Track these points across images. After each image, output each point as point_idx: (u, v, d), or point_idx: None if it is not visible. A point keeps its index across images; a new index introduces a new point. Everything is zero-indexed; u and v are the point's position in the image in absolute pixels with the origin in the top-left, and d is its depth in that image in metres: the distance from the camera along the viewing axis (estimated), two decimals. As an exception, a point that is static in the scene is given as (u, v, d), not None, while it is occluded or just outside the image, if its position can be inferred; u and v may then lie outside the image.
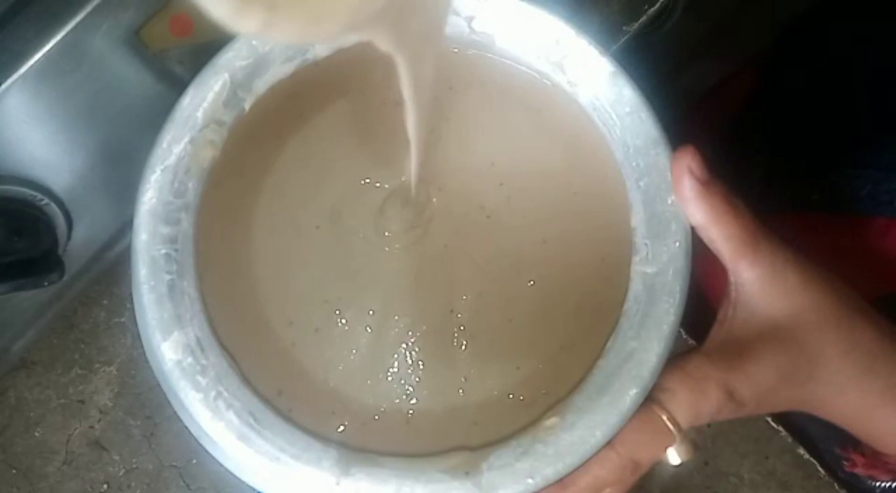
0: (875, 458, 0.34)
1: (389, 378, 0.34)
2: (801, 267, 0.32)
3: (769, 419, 0.52)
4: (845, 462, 0.36)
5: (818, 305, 0.32)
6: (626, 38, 0.46)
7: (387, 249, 0.36)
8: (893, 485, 0.34)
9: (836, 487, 0.51)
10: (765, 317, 0.32)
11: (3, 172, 0.38)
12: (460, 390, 0.34)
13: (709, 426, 0.51)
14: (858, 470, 0.35)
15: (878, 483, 0.34)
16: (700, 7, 0.50)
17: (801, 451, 0.51)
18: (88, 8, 0.36)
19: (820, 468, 0.51)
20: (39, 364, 0.53)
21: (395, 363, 0.34)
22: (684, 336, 0.33)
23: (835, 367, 0.32)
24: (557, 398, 0.33)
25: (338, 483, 0.31)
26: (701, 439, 0.33)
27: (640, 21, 0.46)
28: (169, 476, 0.53)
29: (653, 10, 0.46)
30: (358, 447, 0.32)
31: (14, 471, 0.52)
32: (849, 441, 0.35)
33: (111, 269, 0.50)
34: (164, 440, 0.53)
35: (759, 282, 0.32)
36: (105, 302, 0.54)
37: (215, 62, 0.34)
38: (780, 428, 0.52)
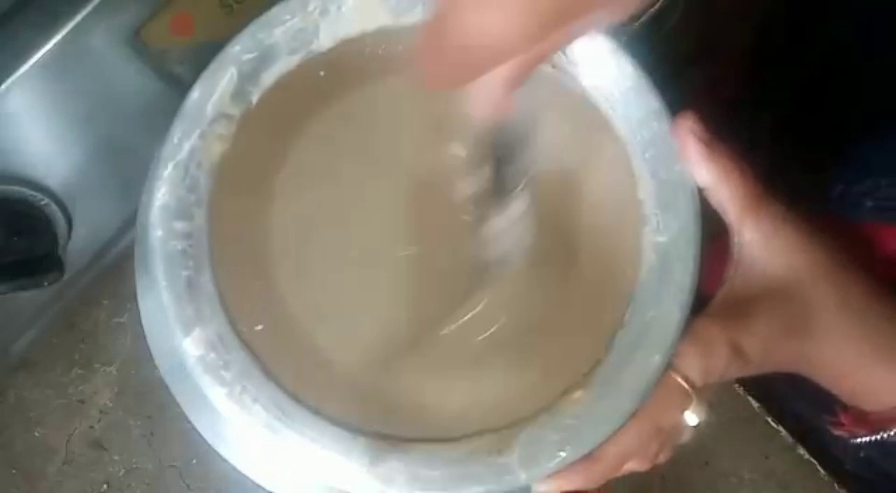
0: (860, 416, 0.35)
1: (413, 364, 0.34)
2: (800, 226, 0.33)
3: (769, 419, 0.52)
4: (832, 426, 0.36)
5: (815, 262, 0.33)
6: (626, 38, 0.46)
7: (401, 237, 0.36)
8: (873, 438, 0.35)
9: (836, 487, 0.51)
10: (765, 275, 0.33)
11: (3, 172, 0.38)
12: (484, 372, 0.34)
13: (708, 425, 0.51)
14: (844, 430, 0.36)
15: (859, 440, 0.35)
16: (701, 6, 0.50)
17: (801, 451, 0.51)
18: (88, 8, 0.36)
19: (820, 468, 0.51)
20: (39, 364, 0.54)
21: (419, 349, 0.34)
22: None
23: (829, 320, 0.33)
24: (582, 372, 0.33)
25: (368, 471, 0.31)
26: (698, 432, 0.34)
27: (640, 21, 0.46)
28: (169, 476, 0.53)
29: (653, 10, 0.46)
30: (386, 435, 0.32)
31: (14, 471, 0.52)
32: (837, 406, 0.36)
33: (111, 268, 0.50)
34: (164, 440, 0.53)
35: (761, 241, 0.33)
36: (105, 302, 0.54)
37: (222, 56, 0.34)
38: (780, 428, 0.52)
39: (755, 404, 0.53)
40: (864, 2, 0.45)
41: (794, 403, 0.50)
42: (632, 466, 0.33)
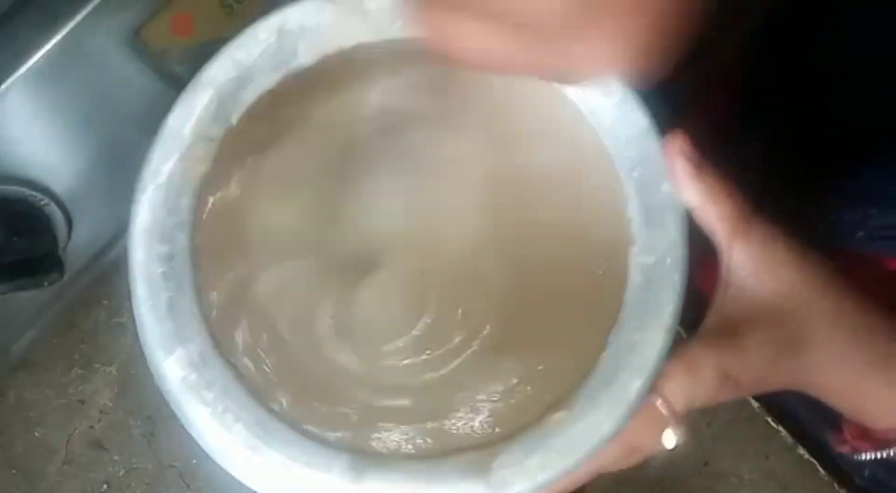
0: (864, 432, 0.35)
1: (395, 382, 0.34)
2: (791, 245, 0.33)
3: (769, 419, 0.52)
4: (835, 443, 0.36)
5: (806, 280, 0.33)
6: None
7: (384, 254, 0.36)
8: (877, 455, 0.34)
9: (836, 487, 0.51)
10: (756, 296, 0.33)
11: (3, 172, 0.38)
12: (466, 391, 0.34)
13: (708, 425, 0.51)
14: (847, 448, 0.35)
15: (863, 456, 0.35)
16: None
17: (801, 451, 0.51)
18: (88, 8, 0.36)
19: (820, 468, 0.51)
20: (39, 364, 0.53)
21: (400, 368, 0.34)
22: (684, 336, 0.33)
23: (823, 338, 0.32)
24: (563, 393, 0.33)
25: (351, 488, 0.31)
26: (698, 432, 0.34)
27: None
28: (169, 476, 0.53)
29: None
30: (369, 452, 0.32)
31: (14, 471, 0.52)
32: (840, 421, 0.36)
33: (111, 269, 0.50)
34: (164, 440, 0.53)
35: (751, 261, 0.32)
36: (105, 302, 0.54)
37: (200, 78, 0.34)
38: (780, 428, 0.52)
39: (755, 404, 0.53)
40: (861, 8, 0.45)
41: (797, 413, 0.50)
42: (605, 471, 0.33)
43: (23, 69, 0.36)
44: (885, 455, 0.34)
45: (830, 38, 0.47)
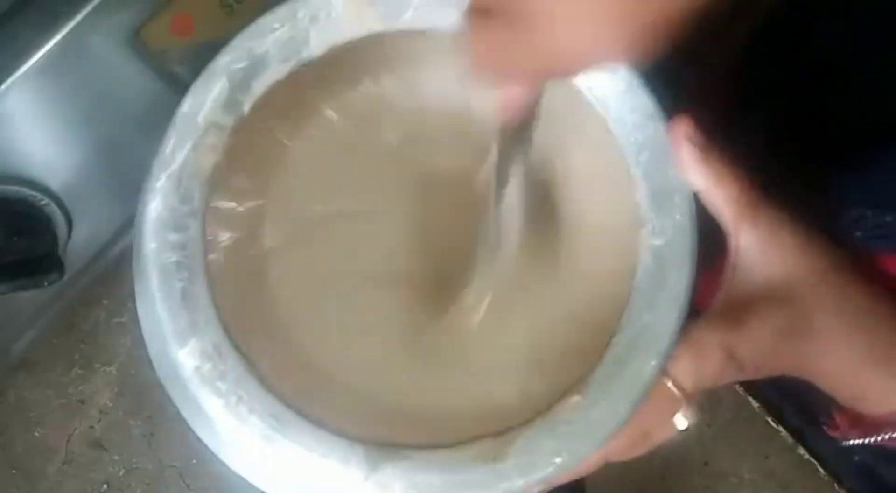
0: (856, 418, 0.35)
1: (409, 371, 0.34)
2: (797, 229, 0.33)
3: (769, 419, 0.52)
4: (826, 427, 0.36)
5: (812, 263, 0.33)
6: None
7: (399, 243, 0.36)
8: (864, 441, 0.35)
9: (836, 487, 0.51)
10: (763, 278, 0.33)
11: (3, 172, 0.38)
12: (479, 378, 0.34)
13: (708, 425, 0.51)
14: (839, 433, 0.36)
15: (851, 442, 0.35)
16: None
17: (801, 451, 0.51)
18: (88, 8, 0.36)
19: (820, 468, 0.51)
20: (39, 364, 0.54)
21: (415, 355, 0.34)
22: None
23: (826, 322, 0.33)
24: (577, 376, 0.33)
25: (366, 479, 0.31)
26: (698, 432, 0.34)
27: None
28: (169, 476, 0.53)
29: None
30: (384, 442, 0.32)
31: (14, 471, 0.52)
32: (832, 407, 0.36)
33: (111, 269, 0.50)
34: (164, 440, 0.53)
35: (758, 244, 0.33)
36: (105, 302, 0.54)
37: (213, 66, 0.34)
38: (780, 428, 0.52)
39: (755, 404, 0.53)
40: (861, 8, 0.45)
41: (785, 408, 0.50)
42: (612, 460, 0.34)
43: (23, 69, 0.36)
44: (874, 440, 0.34)
45: (830, 38, 0.47)
